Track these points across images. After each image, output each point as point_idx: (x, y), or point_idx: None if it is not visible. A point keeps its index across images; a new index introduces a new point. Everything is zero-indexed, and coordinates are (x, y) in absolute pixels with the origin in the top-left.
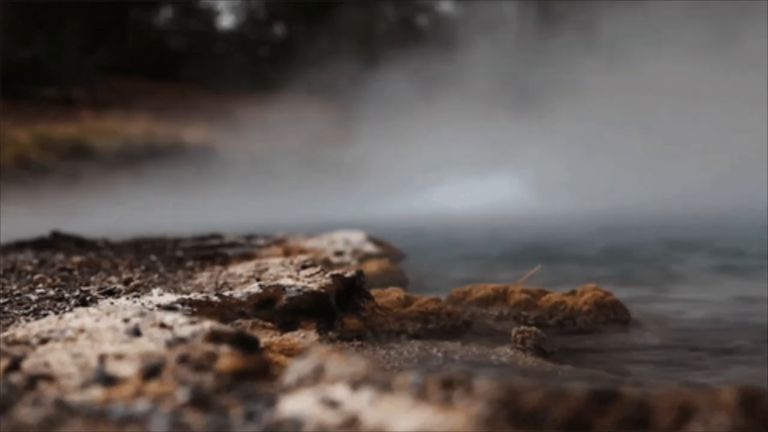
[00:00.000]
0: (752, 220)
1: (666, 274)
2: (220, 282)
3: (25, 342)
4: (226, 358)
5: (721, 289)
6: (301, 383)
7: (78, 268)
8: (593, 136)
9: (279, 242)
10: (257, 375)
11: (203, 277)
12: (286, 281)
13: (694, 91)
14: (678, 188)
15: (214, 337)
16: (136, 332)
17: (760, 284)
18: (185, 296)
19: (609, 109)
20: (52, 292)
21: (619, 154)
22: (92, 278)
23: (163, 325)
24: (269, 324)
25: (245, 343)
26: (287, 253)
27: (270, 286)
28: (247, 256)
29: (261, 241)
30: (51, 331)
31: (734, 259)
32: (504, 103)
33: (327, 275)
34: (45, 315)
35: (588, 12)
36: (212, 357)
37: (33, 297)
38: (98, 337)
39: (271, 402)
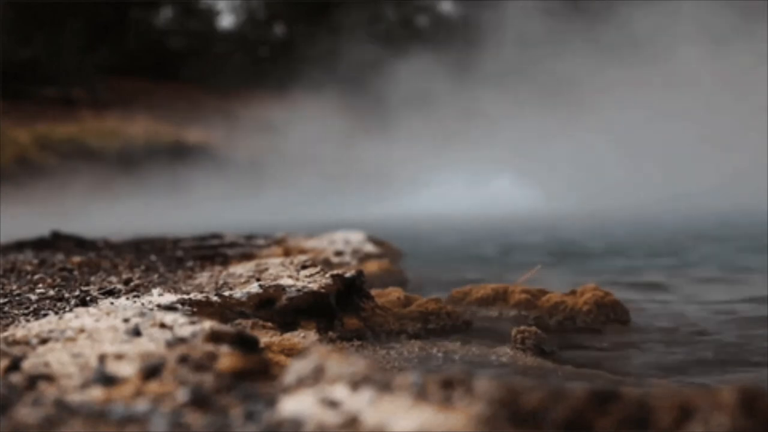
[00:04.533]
0: (758, 220)
1: (666, 274)
2: (220, 282)
3: (25, 342)
4: (226, 358)
5: (723, 289)
6: (301, 383)
7: (78, 268)
8: (594, 135)
9: (279, 242)
10: (257, 375)
11: (203, 277)
12: (286, 281)
13: (710, 88)
14: (684, 187)
15: (214, 337)
16: (136, 332)
17: (760, 284)
18: (185, 296)
19: (613, 107)
20: (52, 292)
21: (619, 154)
22: (92, 278)
23: (163, 325)
24: (269, 324)
25: (245, 343)
26: (287, 253)
27: (270, 286)
28: (247, 256)
29: (261, 241)
30: (51, 331)
31: (736, 260)
32: (509, 103)
33: (327, 275)
34: (45, 315)
35: (600, 10)
36: (212, 357)
37: (33, 297)
38: (98, 337)
39: (271, 402)
